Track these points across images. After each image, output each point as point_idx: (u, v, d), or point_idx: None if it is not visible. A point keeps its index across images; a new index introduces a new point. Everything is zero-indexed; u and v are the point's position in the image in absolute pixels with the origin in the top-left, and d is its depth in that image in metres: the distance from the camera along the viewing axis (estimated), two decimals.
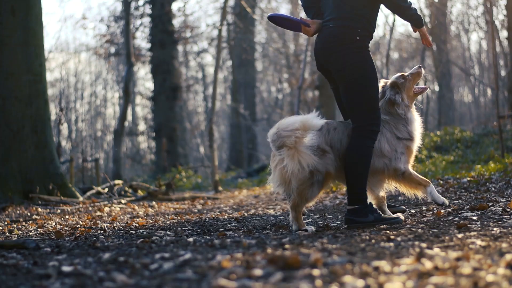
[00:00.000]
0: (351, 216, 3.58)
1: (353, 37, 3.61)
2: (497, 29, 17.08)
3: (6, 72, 7.50)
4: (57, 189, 7.56)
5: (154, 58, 21.01)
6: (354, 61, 3.61)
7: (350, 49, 3.61)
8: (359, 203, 3.58)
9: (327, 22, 3.71)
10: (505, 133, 11.25)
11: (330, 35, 3.66)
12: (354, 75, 3.61)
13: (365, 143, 3.59)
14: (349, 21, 3.63)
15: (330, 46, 3.66)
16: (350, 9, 3.64)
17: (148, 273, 2.10)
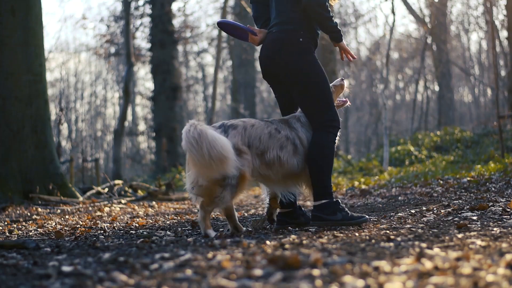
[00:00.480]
0: (319, 213, 3.53)
1: (296, 39, 3.62)
2: (497, 29, 17.09)
3: (6, 72, 7.50)
4: (57, 189, 7.56)
5: (154, 58, 21.01)
6: (300, 62, 3.61)
7: (295, 51, 3.62)
8: (326, 197, 3.54)
9: (271, 29, 3.74)
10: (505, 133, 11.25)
11: (273, 40, 3.68)
12: (303, 76, 3.61)
13: (326, 137, 3.58)
14: (290, 25, 3.65)
15: (275, 50, 3.66)
16: (290, 13, 3.66)
17: (148, 273, 2.10)
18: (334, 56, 19.35)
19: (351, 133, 32.06)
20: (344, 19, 25.21)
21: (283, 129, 3.56)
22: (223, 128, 3.39)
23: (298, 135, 3.59)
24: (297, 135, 3.59)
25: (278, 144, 3.49)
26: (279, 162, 3.48)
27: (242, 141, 3.37)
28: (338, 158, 16.39)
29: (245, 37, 3.92)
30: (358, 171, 12.54)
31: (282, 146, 3.50)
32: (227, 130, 3.37)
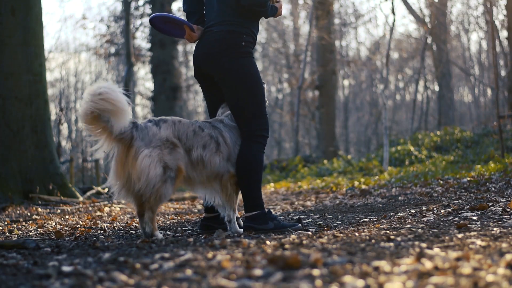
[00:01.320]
0: (251, 223, 3.52)
1: (238, 42, 3.56)
2: (497, 29, 17.09)
3: (6, 72, 7.50)
4: (57, 189, 7.56)
5: (154, 58, 21.01)
6: (239, 66, 3.55)
7: (236, 54, 3.55)
8: (257, 209, 3.53)
9: (211, 28, 3.64)
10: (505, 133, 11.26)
11: (214, 40, 3.58)
12: (240, 80, 3.56)
13: (255, 148, 3.55)
14: (234, 26, 3.58)
15: (215, 51, 3.57)
16: (234, 14, 3.58)
17: (148, 273, 2.10)
18: (334, 56, 19.36)
19: (351, 133, 32.05)
20: (344, 19, 25.22)
21: (206, 127, 3.51)
22: (154, 121, 3.37)
23: (221, 134, 3.54)
24: (220, 134, 3.54)
25: (202, 143, 3.45)
26: (202, 161, 3.43)
27: (173, 134, 3.35)
28: (338, 158, 16.40)
29: (181, 33, 3.76)
30: (358, 171, 12.54)
31: (205, 144, 3.45)
32: (158, 123, 3.35)
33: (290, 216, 4.81)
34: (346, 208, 5.45)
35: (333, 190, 8.41)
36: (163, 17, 3.78)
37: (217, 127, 3.58)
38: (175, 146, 3.33)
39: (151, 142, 3.27)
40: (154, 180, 3.23)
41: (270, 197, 8.40)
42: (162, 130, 3.32)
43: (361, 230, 3.33)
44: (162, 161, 3.25)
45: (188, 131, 3.41)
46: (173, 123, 3.39)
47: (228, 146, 3.54)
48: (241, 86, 3.57)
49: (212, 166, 3.47)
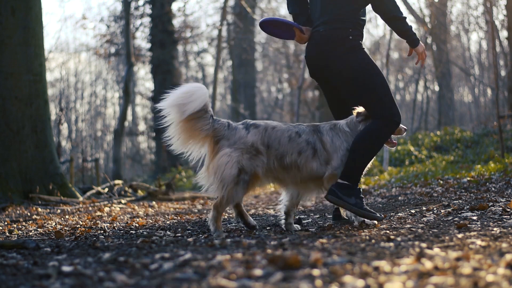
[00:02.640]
0: (336, 189, 3.49)
1: (345, 38, 3.60)
2: (497, 29, 17.08)
3: (6, 72, 7.50)
4: (57, 189, 7.56)
5: (154, 58, 21.02)
6: (352, 61, 3.60)
7: (345, 49, 3.60)
8: (349, 181, 3.51)
9: (317, 28, 3.70)
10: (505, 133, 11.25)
11: (322, 39, 3.65)
12: (355, 74, 3.59)
13: (385, 129, 3.55)
14: (339, 23, 3.63)
15: (324, 49, 3.64)
16: (338, 11, 3.63)
17: (148, 273, 2.10)
18: None
19: None
20: None
21: (305, 133, 3.53)
22: (245, 125, 3.48)
23: (321, 139, 3.55)
24: (320, 139, 3.55)
25: (297, 149, 3.48)
26: (296, 167, 3.48)
27: (261, 141, 3.43)
28: None
29: (291, 35, 3.84)
30: None
31: (301, 150, 3.48)
32: (248, 128, 3.46)
33: None
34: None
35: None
36: (273, 21, 3.85)
37: (320, 131, 3.58)
38: (258, 153, 3.41)
39: (235, 143, 3.39)
40: (227, 180, 3.35)
41: (270, 197, 8.40)
42: (250, 135, 3.42)
43: (361, 230, 3.33)
44: (240, 163, 3.35)
45: (282, 138, 3.47)
46: (265, 129, 3.46)
47: (327, 151, 3.54)
48: (358, 79, 3.59)
49: (309, 171, 3.51)
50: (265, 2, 25.15)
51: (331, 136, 3.58)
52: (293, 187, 3.64)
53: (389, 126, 3.58)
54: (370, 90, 3.59)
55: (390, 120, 3.58)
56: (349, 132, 3.62)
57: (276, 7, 26.06)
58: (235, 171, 3.33)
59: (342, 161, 3.55)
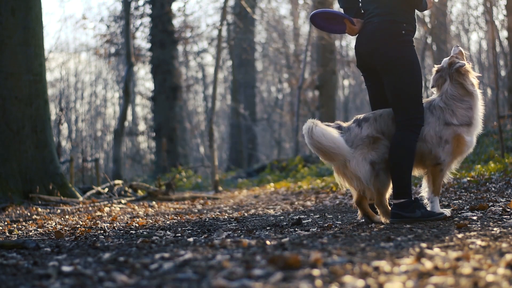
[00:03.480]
0: (398, 211, 3.58)
1: (399, 31, 3.64)
2: (497, 29, 17.08)
3: (6, 72, 7.50)
4: (57, 189, 7.56)
5: (154, 58, 21.01)
6: (401, 55, 3.64)
7: (397, 43, 3.64)
8: (404, 197, 3.58)
9: (371, 19, 3.73)
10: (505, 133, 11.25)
11: (376, 30, 3.69)
12: (401, 69, 3.64)
13: (409, 137, 3.60)
14: (395, 16, 3.66)
15: (377, 40, 3.68)
16: (394, 4, 3.67)
17: (148, 273, 2.10)
18: (334, 56, 19.37)
19: None
20: None
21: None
22: (357, 122, 3.66)
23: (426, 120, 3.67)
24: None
25: None
26: None
27: (375, 130, 3.61)
28: None
29: (342, 28, 3.86)
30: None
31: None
32: (360, 123, 3.63)
33: (290, 216, 4.80)
34: (346, 208, 5.45)
35: (333, 190, 8.41)
36: (324, 13, 3.88)
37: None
38: (376, 139, 3.59)
39: (353, 143, 3.56)
40: (366, 178, 3.54)
41: (270, 197, 8.40)
42: (363, 129, 3.60)
43: (361, 230, 3.33)
44: (367, 158, 3.53)
45: (388, 121, 3.65)
46: (374, 119, 3.65)
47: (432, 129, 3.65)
48: (403, 74, 3.65)
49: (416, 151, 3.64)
50: (265, 2, 25.15)
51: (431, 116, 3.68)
52: None
53: (412, 131, 3.62)
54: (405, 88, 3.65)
55: (413, 124, 3.62)
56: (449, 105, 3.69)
57: (276, 7, 26.07)
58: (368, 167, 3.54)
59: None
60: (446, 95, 3.70)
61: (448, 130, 3.64)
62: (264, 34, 26.46)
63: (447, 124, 3.65)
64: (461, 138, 3.65)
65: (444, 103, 3.68)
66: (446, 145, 3.64)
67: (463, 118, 3.66)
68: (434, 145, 3.65)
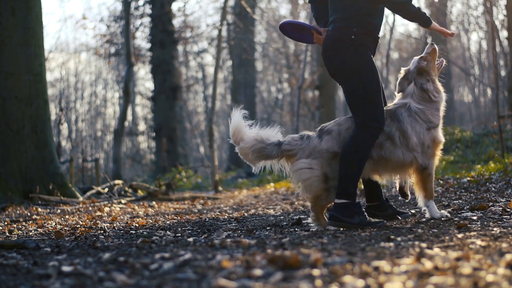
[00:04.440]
0: (336, 213, 3.49)
1: (348, 37, 3.61)
2: (497, 29, 17.08)
3: (6, 72, 7.50)
4: (57, 189, 7.56)
5: (154, 58, 21.01)
6: (350, 61, 3.61)
7: (346, 48, 3.61)
8: (347, 198, 3.51)
9: (328, 28, 3.76)
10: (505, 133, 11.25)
11: (328, 39, 3.70)
12: (351, 74, 3.61)
13: (364, 138, 3.54)
14: (344, 21, 3.64)
15: (329, 48, 3.69)
16: (345, 10, 3.65)
17: (148, 273, 2.10)
18: None
19: None
20: None
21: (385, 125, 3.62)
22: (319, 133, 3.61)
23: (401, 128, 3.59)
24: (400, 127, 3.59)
25: (378, 142, 3.56)
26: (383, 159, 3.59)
27: (337, 145, 3.53)
28: None
29: (310, 39, 3.91)
30: None
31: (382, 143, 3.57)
32: (321, 136, 3.57)
33: (290, 216, 4.80)
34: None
35: None
36: (293, 24, 3.93)
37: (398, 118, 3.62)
38: (335, 155, 3.51)
39: (310, 154, 3.51)
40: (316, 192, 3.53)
41: (270, 197, 8.40)
42: (323, 142, 3.53)
43: (361, 230, 3.33)
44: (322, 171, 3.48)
45: None
46: (339, 134, 3.57)
47: (408, 137, 3.58)
48: (354, 79, 3.62)
49: (396, 159, 3.58)
50: (265, 2, 25.16)
51: (411, 121, 3.62)
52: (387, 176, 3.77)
53: (369, 132, 3.56)
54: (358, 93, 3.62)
55: (368, 125, 3.57)
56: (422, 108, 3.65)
57: (276, 7, 26.07)
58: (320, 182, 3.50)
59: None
60: (415, 98, 3.67)
61: (429, 135, 3.62)
62: (264, 34, 26.47)
63: (428, 129, 3.62)
64: (437, 140, 3.64)
65: (417, 107, 3.64)
66: (429, 149, 3.62)
67: (436, 121, 3.66)
68: (419, 152, 3.60)
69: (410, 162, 3.60)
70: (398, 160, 3.58)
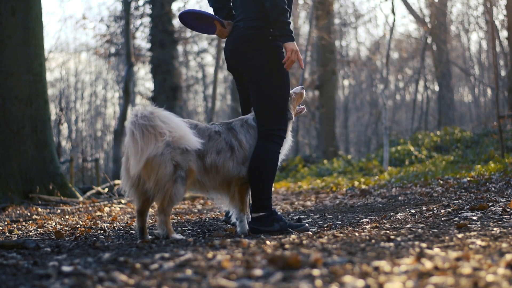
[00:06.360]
0: (256, 225, 3.47)
1: (264, 37, 3.48)
2: (497, 29, 17.08)
3: (6, 72, 7.50)
4: (57, 189, 7.56)
5: (154, 58, 21.01)
6: (266, 63, 3.48)
7: (262, 50, 3.47)
8: (264, 210, 3.46)
9: (238, 22, 3.57)
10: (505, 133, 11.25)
11: (240, 36, 3.53)
12: (265, 76, 3.48)
13: (271, 148, 3.47)
14: (259, 21, 3.49)
15: (241, 47, 3.52)
16: (259, 7, 3.49)
17: (148, 273, 2.10)
18: (334, 56, 19.38)
19: (351, 133, 32.05)
20: (344, 19, 25.22)
21: (223, 132, 3.45)
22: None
23: (236, 137, 3.46)
24: (235, 137, 3.46)
25: (216, 148, 3.38)
26: (215, 168, 3.38)
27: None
28: (338, 158, 16.39)
29: (212, 29, 3.67)
30: (358, 171, 12.54)
31: (220, 150, 3.39)
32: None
33: (290, 216, 4.81)
34: (346, 208, 5.45)
35: (333, 190, 8.41)
36: (193, 13, 3.69)
37: (233, 129, 3.49)
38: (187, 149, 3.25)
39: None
40: (164, 179, 3.18)
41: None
42: None
43: (361, 230, 3.33)
44: (174, 159, 3.19)
45: (203, 136, 3.34)
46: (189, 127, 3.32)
47: (244, 149, 3.46)
48: (266, 82, 3.48)
49: (225, 172, 3.41)
50: None
51: (245, 132, 3.50)
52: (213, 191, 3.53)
53: (275, 142, 3.50)
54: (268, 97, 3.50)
55: (275, 135, 3.50)
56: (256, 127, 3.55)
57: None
58: (171, 168, 3.17)
59: None
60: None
61: None
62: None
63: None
64: None
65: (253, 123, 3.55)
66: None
67: None
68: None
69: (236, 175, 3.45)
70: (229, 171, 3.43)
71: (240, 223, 3.51)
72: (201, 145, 3.22)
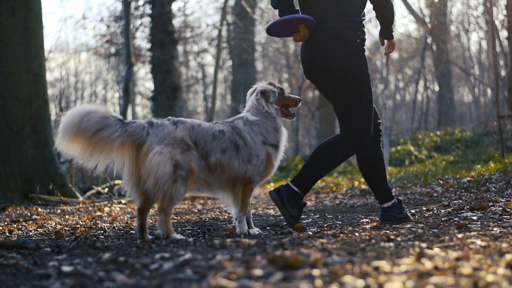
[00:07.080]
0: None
1: (354, 40, 3.47)
2: (497, 29, 17.08)
3: (6, 72, 7.50)
4: (57, 189, 7.56)
5: (154, 58, 21.01)
6: (354, 65, 3.48)
7: (351, 52, 3.46)
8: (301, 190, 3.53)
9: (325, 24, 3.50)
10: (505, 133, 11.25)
11: (330, 37, 3.48)
12: (353, 80, 3.49)
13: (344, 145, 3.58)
14: (349, 23, 3.47)
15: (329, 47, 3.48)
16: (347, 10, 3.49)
17: (148, 273, 2.10)
18: None
19: None
20: None
21: (227, 131, 3.44)
22: (172, 121, 3.34)
23: (241, 136, 3.46)
24: (240, 135, 3.46)
25: (221, 147, 3.37)
26: (221, 166, 3.37)
27: (189, 137, 3.30)
28: None
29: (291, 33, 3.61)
30: (358, 171, 12.54)
31: (225, 149, 3.39)
32: (175, 123, 3.31)
33: None
34: (346, 208, 5.45)
35: (333, 190, 8.41)
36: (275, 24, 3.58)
37: (236, 127, 3.48)
38: (189, 147, 3.26)
39: (164, 139, 3.22)
40: (163, 179, 3.17)
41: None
42: (178, 130, 3.27)
43: (361, 230, 3.33)
44: (174, 159, 3.19)
45: (207, 136, 3.34)
46: (192, 126, 3.33)
47: (248, 147, 3.45)
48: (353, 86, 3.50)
49: (230, 171, 3.41)
50: (265, 2, 25.14)
51: (248, 130, 3.49)
52: (219, 190, 3.52)
53: (351, 143, 3.56)
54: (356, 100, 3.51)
55: (353, 136, 3.55)
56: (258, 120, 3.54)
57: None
58: (170, 168, 3.17)
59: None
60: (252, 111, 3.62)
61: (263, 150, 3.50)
62: (264, 34, 26.44)
63: (264, 143, 3.52)
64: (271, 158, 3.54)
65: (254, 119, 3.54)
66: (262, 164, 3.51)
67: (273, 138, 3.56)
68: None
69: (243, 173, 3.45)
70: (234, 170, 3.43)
71: (240, 223, 3.50)
72: None
